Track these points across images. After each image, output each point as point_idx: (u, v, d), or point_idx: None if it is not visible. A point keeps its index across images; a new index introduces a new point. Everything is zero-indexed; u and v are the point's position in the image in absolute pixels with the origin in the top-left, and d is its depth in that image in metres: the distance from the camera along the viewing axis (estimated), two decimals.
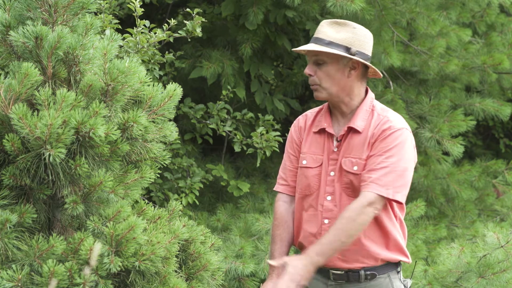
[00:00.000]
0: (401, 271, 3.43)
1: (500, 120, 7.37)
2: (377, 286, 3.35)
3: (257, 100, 6.33)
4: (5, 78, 3.20)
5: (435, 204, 6.92)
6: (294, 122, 3.52)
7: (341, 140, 3.33)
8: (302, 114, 3.52)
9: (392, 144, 3.23)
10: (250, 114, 6.04)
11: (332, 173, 3.33)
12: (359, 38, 3.29)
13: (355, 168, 3.27)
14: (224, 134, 6.05)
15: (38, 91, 3.11)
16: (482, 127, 8.96)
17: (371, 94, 3.37)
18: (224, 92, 5.95)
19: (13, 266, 3.05)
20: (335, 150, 3.34)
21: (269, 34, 6.31)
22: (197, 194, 5.79)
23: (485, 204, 7.18)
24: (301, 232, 3.42)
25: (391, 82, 6.78)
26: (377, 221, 3.31)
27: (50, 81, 3.21)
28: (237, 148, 5.92)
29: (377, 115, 3.32)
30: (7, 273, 3.03)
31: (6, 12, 3.31)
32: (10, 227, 3.08)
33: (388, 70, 6.85)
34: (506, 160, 7.73)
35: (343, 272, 3.33)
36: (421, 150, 7.15)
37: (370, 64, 3.31)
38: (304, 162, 3.40)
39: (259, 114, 6.02)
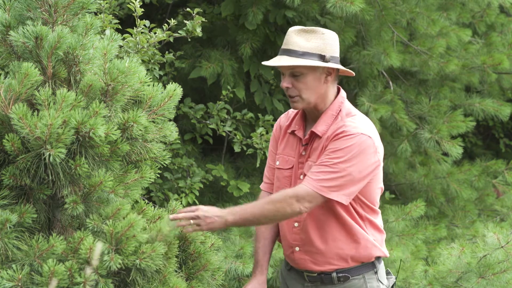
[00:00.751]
0: (379, 271, 3.41)
1: (500, 120, 7.37)
2: (352, 287, 3.34)
3: (256, 100, 6.33)
4: (5, 78, 3.20)
5: (435, 204, 6.93)
6: (277, 121, 3.53)
7: (307, 144, 3.34)
8: (285, 113, 3.52)
9: (340, 146, 3.19)
10: (250, 114, 6.04)
11: (301, 177, 3.33)
12: (329, 43, 3.27)
13: None
14: (224, 134, 6.05)
15: (38, 91, 3.11)
16: (482, 127, 8.97)
17: (340, 98, 3.34)
18: (224, 92, 5.95)
19: (13, 266, 3.05)
20: (303, 154, 3.34)
21: (269, 34, 6.31)
22: (197, 194, 5.79)
23: (485, 204, 7.18)
24: (280, 234, 3.47)
25: (390, 82, 6.78)
26: (341, 223, 3.31)
27: (50, 81, 3.21)
28: (237, 148, 5.92)
29: (340, 119, 3.29)
30: (7, 273, 3.03)
31: (6, 12, 3.31)
32: (10, 227, 3.08)
33: (388, 70, 6.86)
34: (506, 160, 7.73)
35: (316, 275, 3.35)
36: (420, 150, 7.15)
37: (343, 67, 3.30)
38: (277, 163, 3.41)
39: (259, 114, 6.02)
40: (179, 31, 5.05)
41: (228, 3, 6.12)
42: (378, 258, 3.39)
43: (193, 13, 5.07)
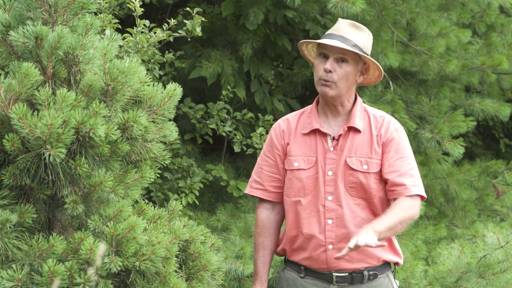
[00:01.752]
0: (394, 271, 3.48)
1: (500, 120, 7.37)
2: (378, 286, 3.36)
3: (256, 100, 6.32)
4: (5, 78, 3.19)
5: (435, 204, 6.92)
6: (274, 126, 3.51)
7: (339, 139, 3.34)
8: (282, 119, 3.52)
9: (405, 145, 3.36)
10: (250, 114, 6.03)
11: (330, 173, 3.32)
12: (371, 44, 3.40)
13: (365, 167, 3.31)
14: (224, 134, 6.05)
15: (38, 91, 3.11)
16: (482, 127, 8.96)
17: (358, 98, 3.45)
18: (224, 92, 5.95)
19: (13, 266, 3.05)
20: (332, 149, 3.34)
21: (269, 34, 6.30)
22: (197, 194, 5.78)
23: (485, 204, 7.18)
24: (299, 236, 3.39)
25: (390, 83, 6.78)
26: None
27: (50, 81, 3.21)
28: (236, 149, 5.91)
29: (373, 115, 3.42)
30: (7, 273, 3.02)
31: (6, 12, 3.31)
32: (10, 227, 3.08)
33: (388, 71, 6.85)
34: (506, 160, 7.72)
35: (347, 274, 3.33)
36: (421, 150, 7.14)
37: (382, 70, 3.41)
38: (296, 164, 3.38)
39: (259, 114, 6.02)
40: (179, 31, 5.04)
41: (228, 3, 6.12)
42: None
43: (193, 12, 5.06)
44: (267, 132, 5.81)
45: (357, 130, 3.35)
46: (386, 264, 3.42)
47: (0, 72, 3.24)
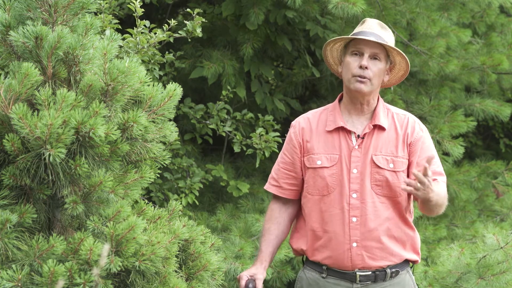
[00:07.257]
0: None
1: (500, 120, 7.37)
2: (400, 282, 3.41)
3: (257, 100, 6.32)
4: (5, 78, 3.19)
5: None
6: (294, 124, 3.53)
7: (364, 137, 3.37)
8: (302, 117, 3.54)
9: (430, 143, 3.42)
10: (250, 115, 6.03)
11: (355, 171, 3.34)
12: (394, 44, 3.46)
13: (391, 165, 3.35)
14: (224, 134, 6.05)
15: (38, 91, 3.11)
16: (482, 127, 8.95)
17: (380, 97, 3.49)
18: (224, 93, 5.95)
19: (13, 266, 3.05)
20: (356, 147, 3.36)
21: (269, 34, 6.30)
22: (197, 194, 5.78)
23: (484, 205, 7.18)
24: (322, 235, 3.40)
25: None
26: (402, 218, 3.40)
27: (50, 81, 3.21)
28: (236, 149, 5.91)
29: (396, 114, 3.45)
30: (7, 273, 3.02)
31: (6, 12, 3.31)
32: (10, 227, 3.08)
33: None
34: (506, 160, 7.72)
35: (370, 273, 3.36)
36: None
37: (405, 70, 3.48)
38: (319, 162, 3.40)
39: (259, 115, 6.02)
40: (179, 31, 5.04)
41: (228, 3, 6.12)
42: None
43: (193, 13, 5.06)
44: (267, 133, 5.82)
45: (381, 128, 3.38)
46: (406, 261, 3.45)
47: (0, 72, 3.24)
